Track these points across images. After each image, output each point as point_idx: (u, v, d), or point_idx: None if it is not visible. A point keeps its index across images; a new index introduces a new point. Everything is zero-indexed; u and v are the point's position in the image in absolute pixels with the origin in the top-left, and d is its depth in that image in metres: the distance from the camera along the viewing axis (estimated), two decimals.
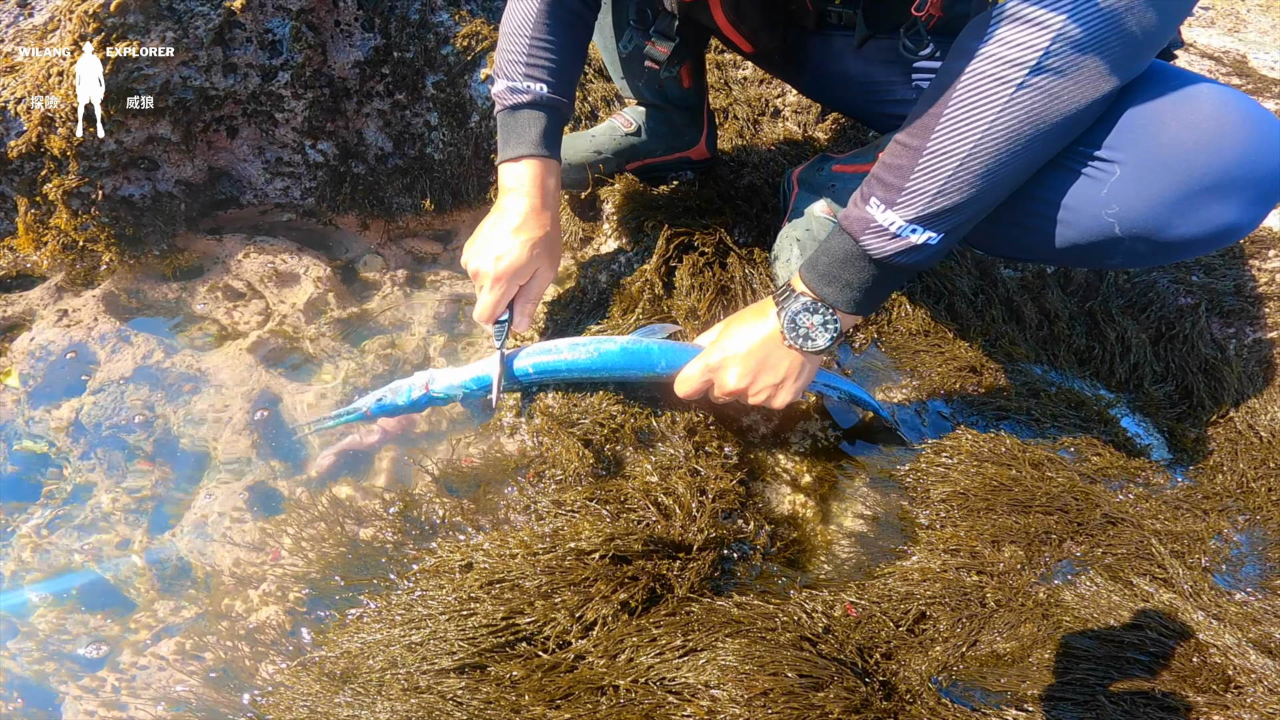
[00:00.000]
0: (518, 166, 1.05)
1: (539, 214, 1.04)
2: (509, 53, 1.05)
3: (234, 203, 1.47)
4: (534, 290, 1.07)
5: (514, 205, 1.04)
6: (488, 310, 1.04)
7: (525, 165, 1.05)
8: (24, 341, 1.25)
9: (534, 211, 1.04)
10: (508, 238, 1.03)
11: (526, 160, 1.05)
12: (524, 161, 1.05)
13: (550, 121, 1.06)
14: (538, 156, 1.05)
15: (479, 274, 1.04)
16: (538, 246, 1.03)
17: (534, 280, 1.06)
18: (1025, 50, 0.71)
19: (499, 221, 1.04)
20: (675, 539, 0.97)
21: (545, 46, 1.04)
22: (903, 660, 0.92)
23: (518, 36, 1.04)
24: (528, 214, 1.04)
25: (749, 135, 1.57)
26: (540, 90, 1.04)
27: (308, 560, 0.98)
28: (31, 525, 1.04)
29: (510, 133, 1.06)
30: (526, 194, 1.04)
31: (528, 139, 1.05)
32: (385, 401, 1.06)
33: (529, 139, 1.05)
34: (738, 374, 0.95)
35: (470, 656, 0.87)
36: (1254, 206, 0.74)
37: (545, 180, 1.05)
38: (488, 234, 1.05)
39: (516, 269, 1.02)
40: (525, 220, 1.03)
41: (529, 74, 1.04)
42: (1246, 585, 1.04)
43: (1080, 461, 1.15)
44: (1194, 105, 0.74)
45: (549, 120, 1.05)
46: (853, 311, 0.90)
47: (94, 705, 0.88)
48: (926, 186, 0.79)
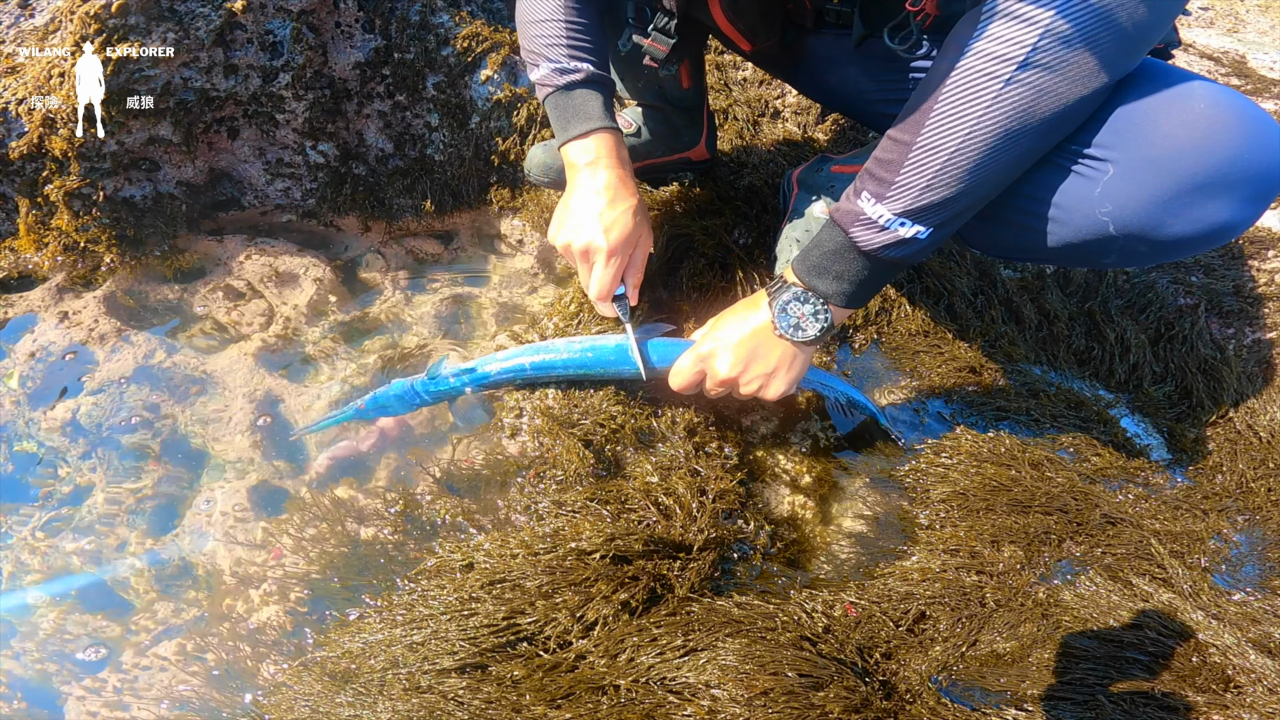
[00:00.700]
0: (587, 142, 1.02)
1: (626, 182, 1.03)
2: (545, 37, 1.03)
3: (235, 204, 1.47)
4: (639, 259, 1.05)
5: (598, 178, 1.02)
6: (606, 285, 1.02)
7: (596, 139, 1.02)
8: (25, 342, 1.25)
9: (621, 181, 1.02)
10: (608, 210, 1.00)
11: (596, 134, 1.02)
12: (594, 136, 1.02)
13: (606, 96, 1.04)
14: (608, 129, 1.02)
15: (591, 250, 1.01)
16: (638, 213, 1.02)
17: (638, 249, 1.04)
18: (1013, 46, 0.71)
19: (588, 197, 1.01)
20: (676, 539, 0.97)
21: (582, 27, 1.03)
22: (903, 660, 0.92)
23: (550, 22, 1.02)
24: (616, 184, 1.01)
25: (749, 136, 1.57)
26: (589, 68, 1.02)
27: (309, 560, 0.98)
28: (31, 526, 1.04)
29: (569, 112, 1.03)
30: (607, 165, 1.02)
31: (592, 113, 1.02)
32: (381, 395, 1.07)
33: (593, 113, 1.02)
34: (729, 362, 0.95)
35: (471, 656, 0.87)
36: (1249, 205, 0.74)
37: (620, 150, 1.04)
38: (580, 211, 1.02)
39: (626, 238, 1.01)
40: (617, 190, 1.01)
41: (573, 54, 1.02)
42: (1246, 585, 1.04)
43: (1080, 462, 1.15)
44: (1188, 103, 0.74)
45: (605, 95, 1.04)
46: (843, 305, 0.90)
47: (96, 706, 0.88)
48: (915, 180, 0.79)
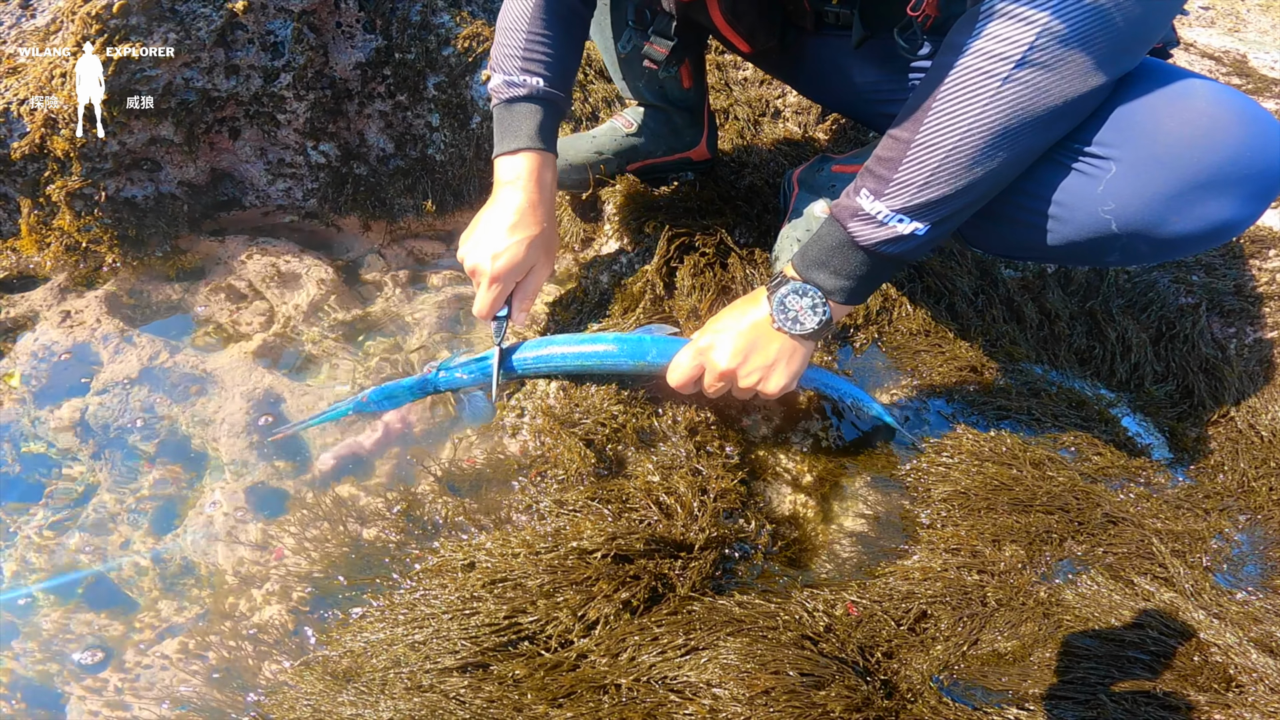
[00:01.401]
0: (514, 160, 1.04)
1: (535, 209, 1.03)
2: (505, 47, 1.04)
3: (236, 204, 1.47)
4: (531, 286, 1.06)
5: (510, 200, 1.03)
6: (485, 307, 1.04)
7: (522, 159, 1.03)
8: (27, 342, 1.25)
9: (530, 207, 1.03)
10: (504, 235, 1.02)
11: (523, 153, 1.03)
12: (520, 155, 1.03)
13: (547, 115, 1.04)
14: (534, 150, 1.03)
15: (476, 271, 1.04)
16: (534, 244, 1.03)
17: (531, 276, 1.06)
18: (1010, 45, 0.72)
19: (495, 217, 1.03)
20: (677, 538, 0.97)
21: (542, 41, 1.03)
22: (904, 659, 0.92)
23: (514, 31, 1.03)
24: (524, 210, 1.03)
25: (749, 136, 1.57)
26: (537, 84, 1.03)
27: (311, 560, 0.98)
28: (35, 525, 1.05)
29: (506, 126, 1.05)
30: (522, 188, 1.03)
31: (524, 132, 1.03)
32: (383, 388, 1.08)
33: (525, 132, 1.03)
34: (728, 353, 0.94)
35: (473, 655, 0.87)
36: (1250, 203, 0.75)
37: (542, 174, 1.04)
38: (484, 229, 1.04)
39: (513, 267, 1.02)
40: (521, 217, 1.02)
41: (525, 68, 1.03)
42: (1247, 584, 1.04)
43: (1081, 461, 1.15)
44: (1189, 102, 0.75)
45: (545, 114, 1.04)
46: (842, 300, 0.90)
47: (98, 705, 0.88)
48: (914, 177, 0.80)
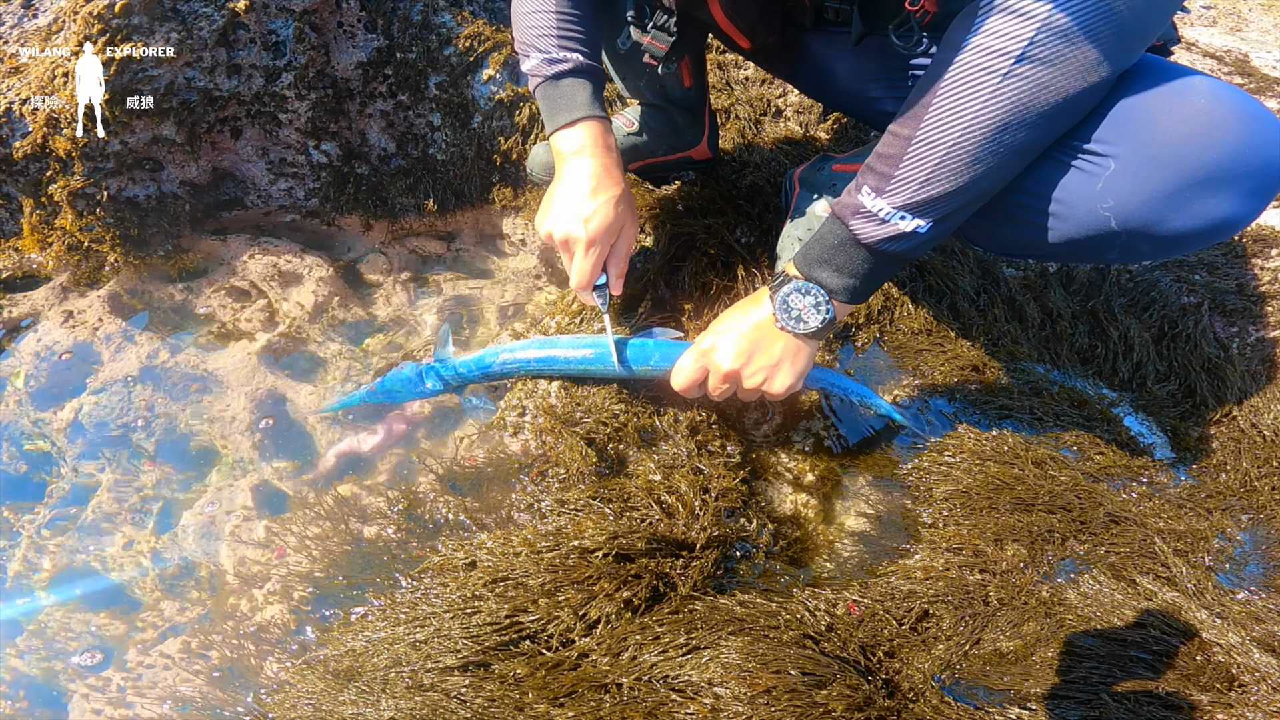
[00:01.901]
0: (574, 131, 1.02)
1: (611, 171, 1.02)
2: (536, 28, 1.03)
3: (238, 203, 1.47)
4: (622, 249, 1.04)
5: (583, 167, 1.01)
6: (586, 275, 1.02)
7: (583, 128, 1.02)
8: (30, 342, 1.25)
9: (605, 170, 1.01)
10: (589, 200, 1.00)
11: (583, 123, 1.01)
12: (580, 125, 1.02)
13: (595, 85, 1.04)
14: (595, 118, 1.02)
15: (570, 240, 1.01)
16: (621, 203, 1.01)
17: (621, 239, 1.03)
18: (1010, 40, 0.72)
19: (572, 186, 1.01)
20: (678, 537, 0.97)
21: (573, 18, 1.02)
22: (906, 658, 0.92)
23: (541, 12, 1.02)
24: (600, 173, 1.01)
25: (751, 135, 1.57)
26: (578, 58, 1.02)
27: (312, 559, 0.98)
28: (37, 525, 1.05)
29: (557, 102, 1.03)
30: (592, 154, 1.01)
31: (579, 102, 1.02)
32: (391, 379, 1.11)
33: (581, 102, 1.02)
34: (731, 354, 0.94)
35: (474, 654, 0.87)
36: (1250, 200, 0.75)
37: (607, 139, 1.03)
38: (564, 200, 1.01)
39: (606, 227, 1.00)
40: (600, 180, 1.00)
41: (563, 44, 1.02)
42: (1250, 584, 1.04)
43: (1083, 460, 1.14)
44: (1188, 99, 0.74)
45: (594, 84, 1.03)
46: (845, 299, 0.90)
47: (100, 704, 0.89)
48: (915, 174, 0.79)
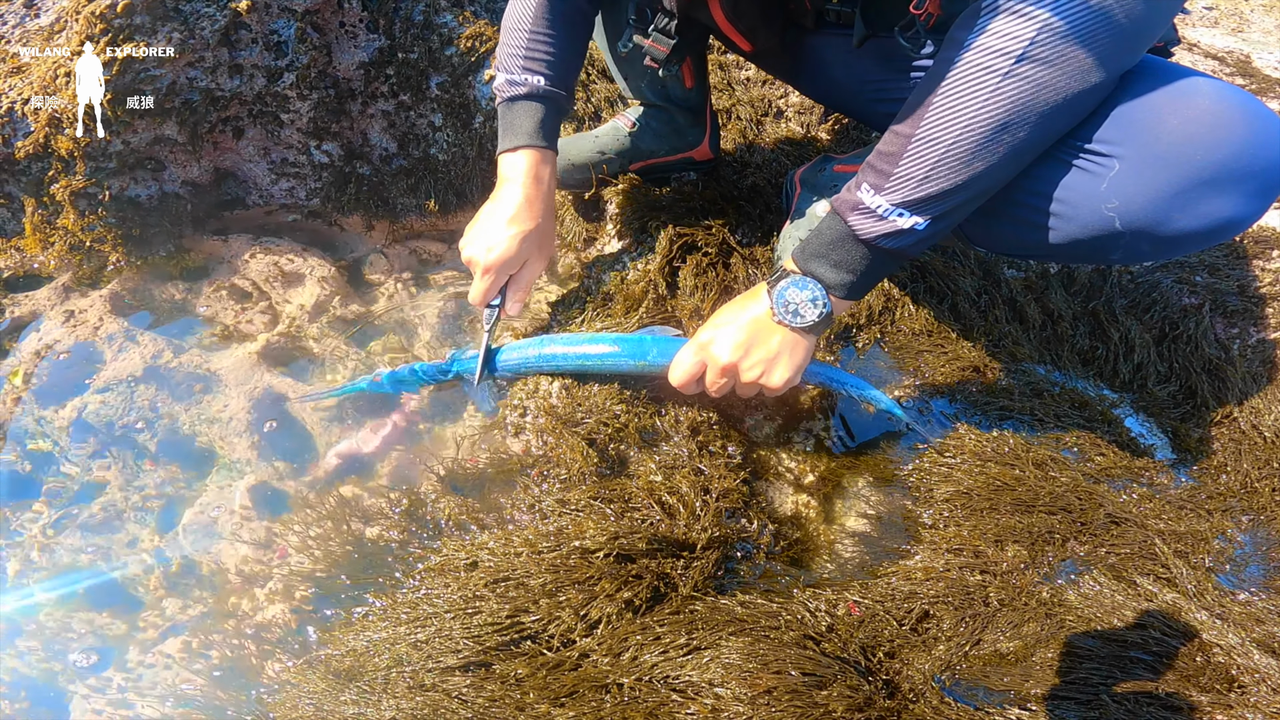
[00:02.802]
0: (514, 157, 1.07)
1: (531, 205, 1.07)
2: (508, 46, 1.07)
3: (239, 203, 1.47)
4: (524, 279, 1.10)
5: (508, 195, 1.07)
6: (479, 296, 1.09)
7: (520, 156, 1.07)
8: (31, 341, 1.25)
9: (527, 203, 1.06)
10: (500, 229, 1.06)
11: (522, 150, 1.07)
12: (519, 152, 1.07)
13: (547, 113, 1.08)
14: (533, 147, 1.07)
15: (471, 262, 1.08)
16: (528, 239, 1.06)
17: (524, 269, 1.09)
18: (1011, 40, 0.72)
19: (493, 211, 1.07)
20: (679, 538, 0.97)
21: (544, 40, 1.06)
22: (906, 659, 0.92)
23: (517, 30, 1.06)
24: (520, 205, 1.06)
25: (752, 136, 1.57)
26: (538, 83, 1.06)
27: (314, 559, 0.99)
28: (39, 524, 1.05)
29: (508, 124, 1.08)
30: (520, 185, 1.07)
31: (524, 130, 1.07)
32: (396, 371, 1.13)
33: (525, 130, 1.07)
34: (729, 347, 0.95)
35: (475, 654, 0.87)
36: (1254, 200, 0.75)
37: (539, 171, 1.08)
38: (483, 223, 1.08)
39: (505, 260, 1.06)
40: (518, 212, 1.06)
41: (527, 66, 1.06)
42: (1250, 585, 1.04)
43: (1084, 461, 1.14)
44: (1192, 99, 0.75)
45: (546, 112, 1.07)
46: (843, 295, 0.90)
47: (101, 704, 0.89)
48: (914, 171, 0.80)
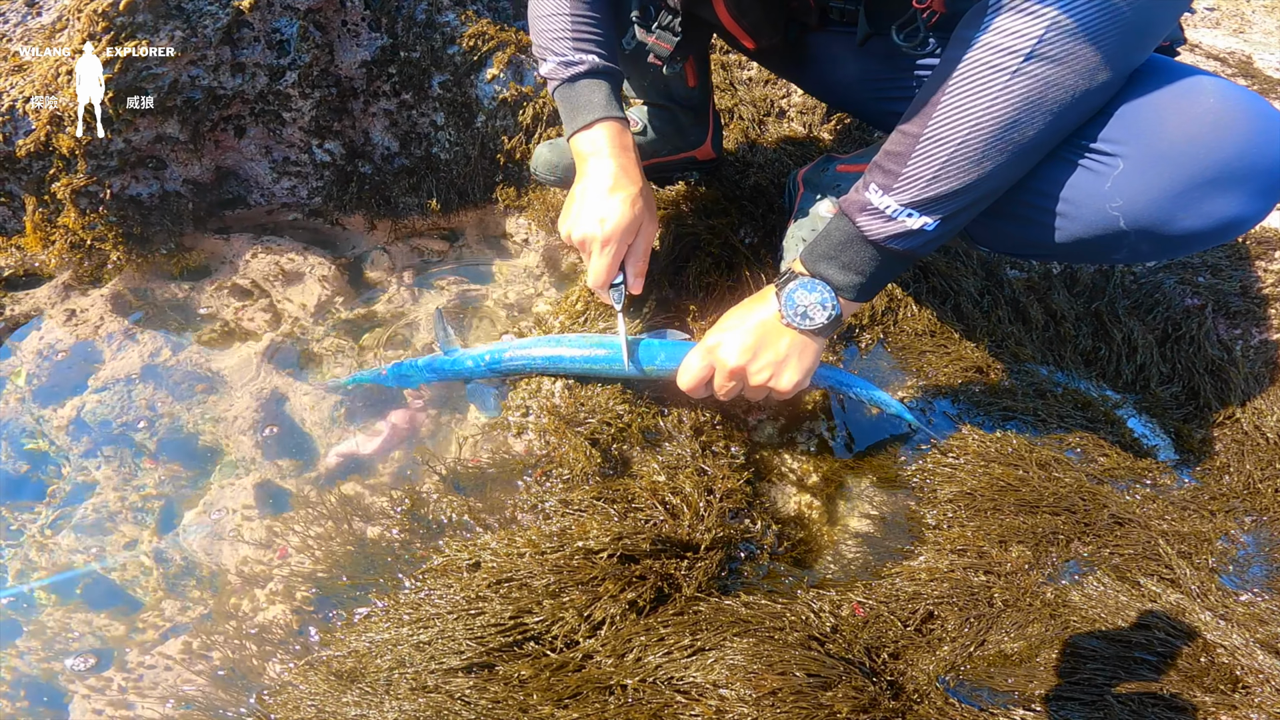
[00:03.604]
0: (592, 133, 1.04)
1: (628, 170, 1.03)
2: (551, 31, 1.04)
3: (241, 202, 1.47)
4: (641, 247, 1.05)
5: (601, 168, 1.03)
6: (602, 274, 1.03)
7: (600, 129, 1.03)
8: (32, 340, 1.25)
9: (623, 170, 1.03)
10: (606, 199, 1.01)
11: (600, 124, 1.03)
12: (598, 126, 1.03)
13: (612, 86, 1.05)
14: (610, 119, 1.04)
15: (587, 240, 1.03)
16: (638, 201, 1.02)
17: (640, 238, 1.05)
18: (1019, 38, 0.72)
19: (590, 187, 1.03)
20: (683, 538, 0.97)
21: (588, 20, 1.04)
22: (910, 660, 0.91)
23: (557, 16, 1.04)
24: (618, 173, 1.02)
25: (754, 135, 1.57)
26: (594, 60, 1.04)
27: (315, 559, 0.98)
28: (39, 524, 1.05)
29: (574, 104, 1.05)
30: (610, 155, 1.03)
31: (595, 104, 1.04)
32: (405, 364, 1.14)
33: (597, 103, 1.04)
34: (737, 350, 0.94)
35: (478, 656, 0.87)
36: (1258, 199, 0.75)
37: (624, 139, 1.05)
38: (582, 201, 1.03)
39: (624, 228, 1.01)
40: (617, 179, 1.02)
41: (579, 46, 1.03)
42: (1253, 586, 1.04)
43: (1087, 462, 1.14)
44: (1196, 98, 0.74)
45: (610, 85, 1.05)
46: (851, 296, 0.90)
47: (101, 704, 0.88)
48: (922, 171, 0.79)
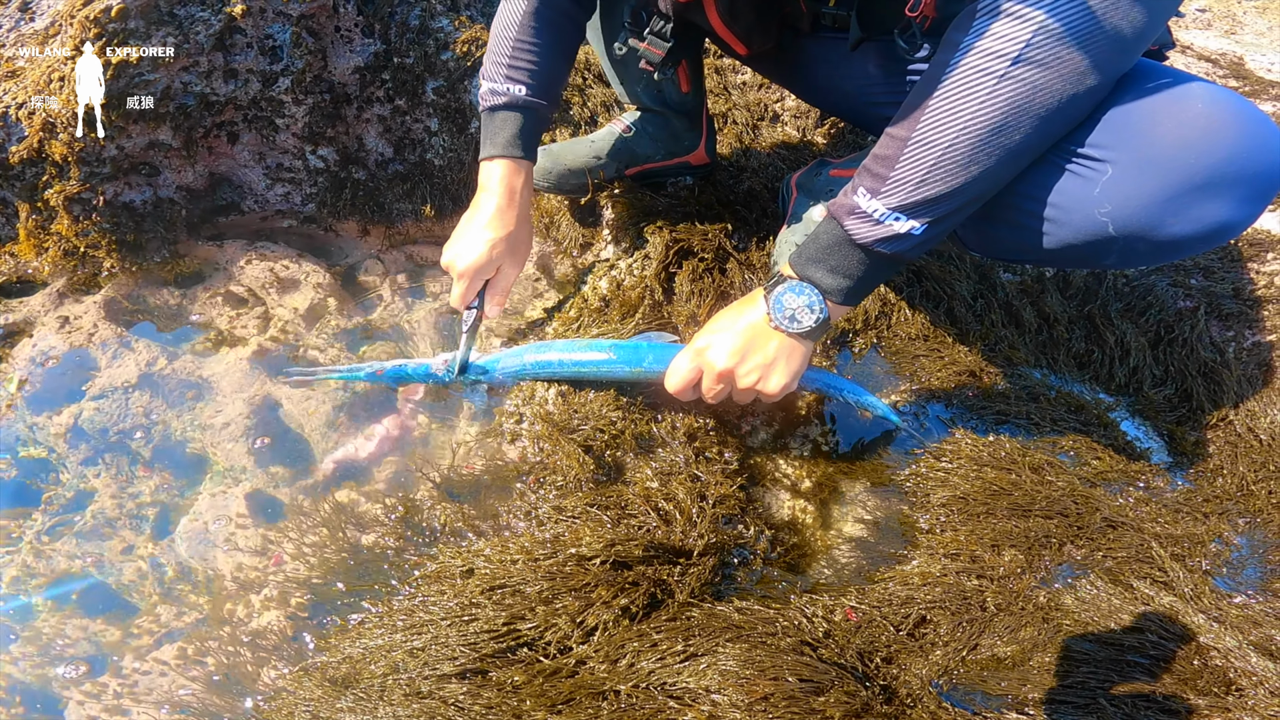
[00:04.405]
0: (490, 166, 1.11)
1: (503, 213, 1.10)
2: (494, 54, 1.09)
3: (235, 209, 1.47)
4: (500, 284, 1.14)
5: (483, 204, 1.11)
6: (457, 299, 1.13)
7: (496, 165, 1.10)
8: (25, 348, 1.25)
9: (499, 211, 1.10)
10: (474, 236, 1.10)
11: (497, 160, 1.10)
12: (495, 161, 1.10)
13: (526, 123, 1.10)
14: (508, 157, 1.10)
15: (449, 267, 1.12)
16: (499, 245, 1.10)
17: (500, 275, 1.14)
18: (1007, 42, 0.72)
19: (470, 219, 1.11)
20: (676, 544, 0.97)
21: (529, 48, 1.08)
22: (903, 664, 0.92)
23: (503, 38, 1.08)
24: (494, 213, 1.10)
25: (748, 140, 1.57)
26: (519, 92, 1.08)
27: (309, 565, 0.98)
28: (34, 531, 1.05)
29: (488, 133, 1.11)
30: (495, 194, 1.10)
31: (500, 140, 1.10)
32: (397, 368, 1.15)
33: (501, 140, 1.10)
34: (725, 353, 0.95)
35: (472, 662, 0.87)
36: (1247, 204, 0.75)
37: (512, 180, 1.11)
38: (460, 230, 1.12)
39: (479, 265, 1.10)
40: (491, 219, 1.10)
41: (510, 75, 1.08)
42: (1247, 588, 1.04)
43: (1080, 465, 1.15)
44: (1185, 103, 0.75)
45: (525, 121, 1.10)
46: (839, 300, 0.90)
47: (96, 710, 0.88)
48: (910, 175, 0.80)
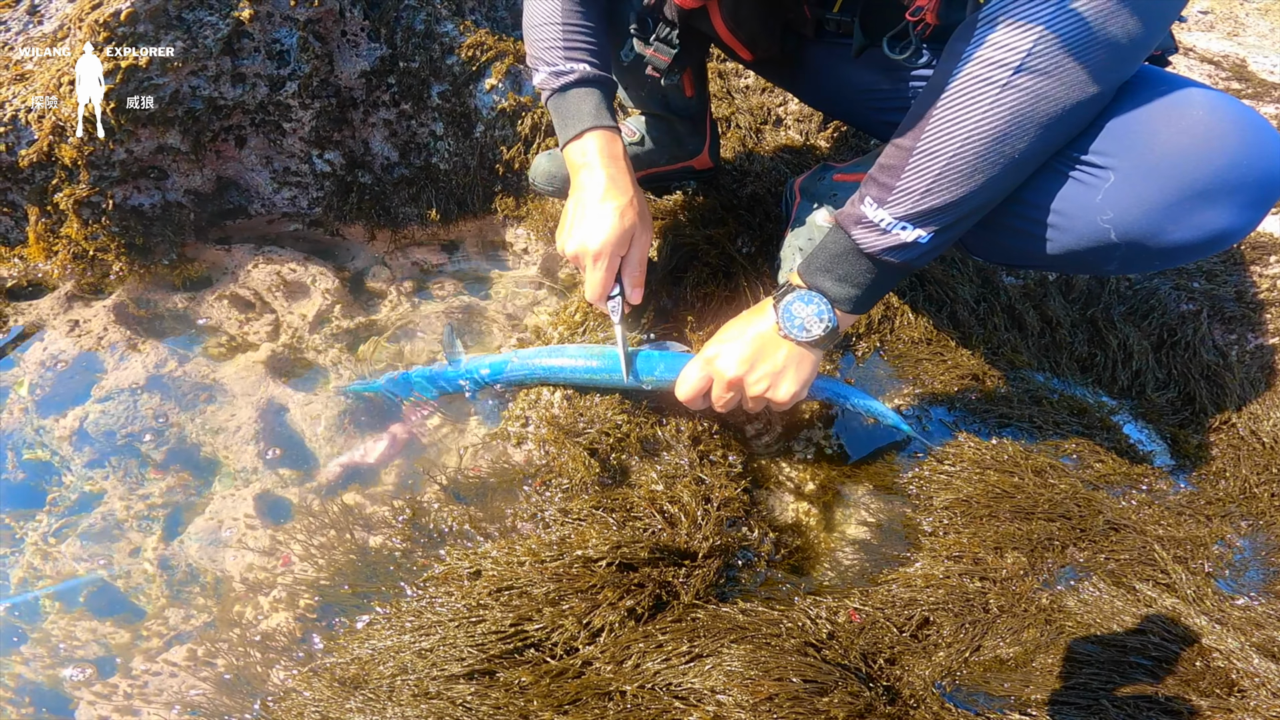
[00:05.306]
0: (582, 143, 1.04)
1: (618, 180, 1.03)
2: (543, 41, 1.04)
3: (242, 212, 1.48)
4: (635, 258, 1.05)
5: (592, 180, 1.03)
6: (598, 288, 1.03)
7: (589, 139, 1.03)
8: (35, 350, 1.26)
9: (612, 180, 1.03)
10: (596, 212, 1.01)
11: (589, 134, 1.03)
12: (587, 136, 1.03)
13: (603, 95, 1.05)
14: (599, 128, 1.03)
15: (579, 255, 1.03)
16: (628, 212, 1.02)
17: (634, 248, 1.04)
18: (1009, 51, 0.73)
19: (582, 200, 1.03)
20: (681, 546, 0.98)
21: (579, 29, 1.04)
22: (907, 665, 0.92)
23: (548, 25, 1.04)
24: (607, 184, 1.02)
25: (751, 144, 1.58)
26: (585, 69, 1.04)
27: (318, 567, 0.99)
28: (41, 532, 1.05)
29: (565, 114, 1.05)
30: (600, 165, 1.03)
31: (585, 113, 1.03)
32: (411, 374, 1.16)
33: (586, 113, 1.03)
34: (735, 361, 0.95)
35: (479, 663, 0.87)
36: (1248, 210, 0.75)
37: (614, 147, 1.04)
38: (574, 215, 1.04)
39: (614, 240, 1.01)
40: (607, 191, 1.02)
41: (569, 55, 1.03)
42: (1249, 590, 1.05)
43: (1083, 468, 1.15)
44: (1187, 110, 0.75)
45: (601, 94, 1.05)
46: (848, 309, 0.91)
47: (107, 710, 0.89)
48: (915, 185, 0.80)
